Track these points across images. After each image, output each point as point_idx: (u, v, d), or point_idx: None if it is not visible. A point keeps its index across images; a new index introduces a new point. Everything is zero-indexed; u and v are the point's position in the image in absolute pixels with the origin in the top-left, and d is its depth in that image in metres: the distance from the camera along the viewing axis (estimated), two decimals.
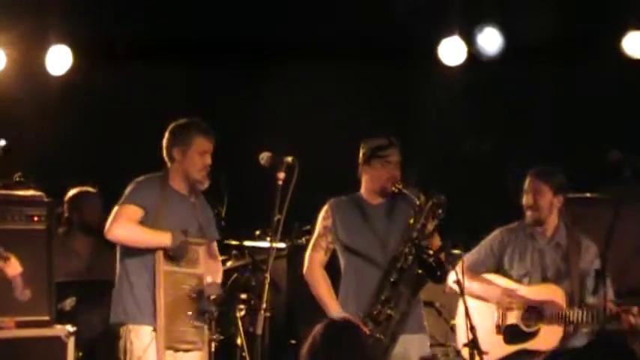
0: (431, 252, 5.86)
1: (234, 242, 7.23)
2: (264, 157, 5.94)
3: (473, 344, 5.68)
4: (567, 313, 6.15)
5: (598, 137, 6.99)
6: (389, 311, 5.88)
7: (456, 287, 5.95)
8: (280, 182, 5.82)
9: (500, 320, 6.32)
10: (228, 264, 7.15)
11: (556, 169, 6.39)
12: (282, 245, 7.13)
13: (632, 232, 7.06)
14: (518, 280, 6.35)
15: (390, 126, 7.99)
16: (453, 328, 6.84)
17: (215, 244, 6.13)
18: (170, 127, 6.00)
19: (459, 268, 6.17)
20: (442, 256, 6.14)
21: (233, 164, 7.20)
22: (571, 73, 7.98)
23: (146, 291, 5.79)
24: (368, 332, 5.77)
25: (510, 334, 6.27)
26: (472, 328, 5.70)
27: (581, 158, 7.24)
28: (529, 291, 6.29)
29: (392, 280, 5.91)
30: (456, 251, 6.95)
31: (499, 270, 6.41)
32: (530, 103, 8.10)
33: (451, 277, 6.03)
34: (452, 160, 8.23)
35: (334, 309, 5.90)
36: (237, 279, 7.12)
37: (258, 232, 7.31)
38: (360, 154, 6.15)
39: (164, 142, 6.00)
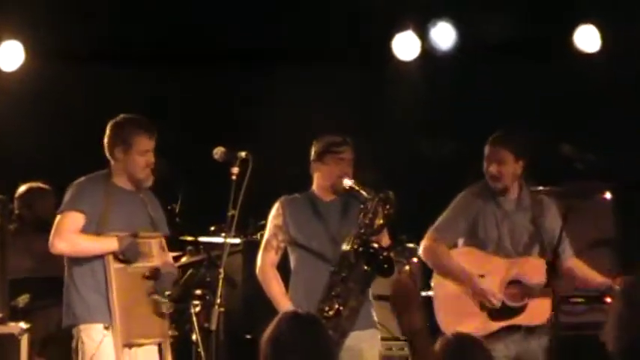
0: (376, 246, 5.85)
1: (189, 238, 7.21)
2: (218, 152, 5.94)
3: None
4: (551, 285, 5.99)
5: (553, 132, 7.01)
6: (338, 307, 5.88)
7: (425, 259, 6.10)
8: (234, 177, 5.83)
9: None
10: (183, 260, 7.13)
11: (514, 133, 6.30)
12: (237, 241, 7.12)
13: (584, 226, 7.10)
14: (494, 251, 6.23)
15: (347, 122, 8.07)
16: None
17: (164, 239, 6.08)
18: (110, 124, 5.89)
19: (428, 237, 6.22)
20: (391, 252, 6.18)
21: (188, 160, 7.21)
22: (525, 67, 8.02)
23: (94, 292, 5.72)
24: None
25: (495, 310, 6.15)
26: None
27: (536, 153, 7.26)
28: (507, 264, 6.19)
29: (341, 276, 5.90)
30: (411, 245, 7.01)
31: (470, 236, 6.28)
32: (485, 98, 8.13)
33: (422, 247, 6.18)
34: (410, 154, 8.26)
35: (286, 307, 5.86)
36: (193, 275, 7.09)
37: (213, 228, 7.30)
38: (313, 151, 6.13)
39: (105, 140, 5.89)
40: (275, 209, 6.15)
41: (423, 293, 6.68)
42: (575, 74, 8.00)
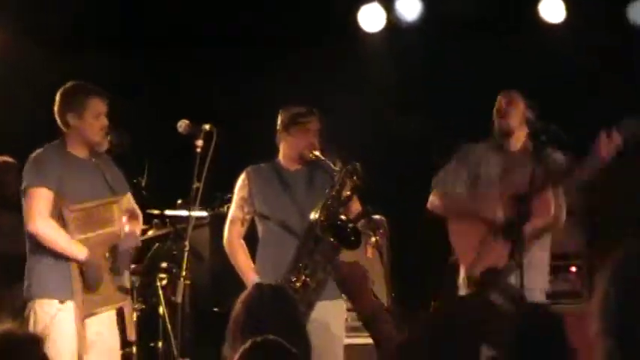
0: (344, 218, 5.86)
1: (155, 212, 7.20)
2: (182, 125, 5.94)
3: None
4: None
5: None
6: (306, 279, 5.90)
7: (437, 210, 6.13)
8: (199, 150, 5.83)
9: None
10: (150, 233, 7.13)
11: None
12: (203, 214, 7.11)
13: None
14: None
15: (313, 94, 8.06)
16: (376, 295, 6.87)
17: (129, 197, 6.04)
18: (60, 91, 5.83)
19: (432, 193, 6.23)
20: (361, 222, 6.19)
21: (154, 133, 7.19)
22: (489, 38, 8.03)
23: (53, 268, 5.67)
24: None
25: (507, 229, 6.06)
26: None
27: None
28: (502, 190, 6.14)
29: (308, 248, 5.92)
30: (377, 216, 7.01)
31: (473, 183, 6.27)
32: (451, 71, 8.13)
33: (430, 202, 6.22)
34: (376, 126, 8.27)
35: (253, 279, 5.89)
36: (159, 248, 7.09)
37: (180, 202, 7.29)
38: (279, 121, 6.14)
39: (55, 108, 5.82)
40: (241, 180, 6.14)
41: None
42: (540, 45, 8.02)
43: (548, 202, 6.06)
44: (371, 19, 8.11)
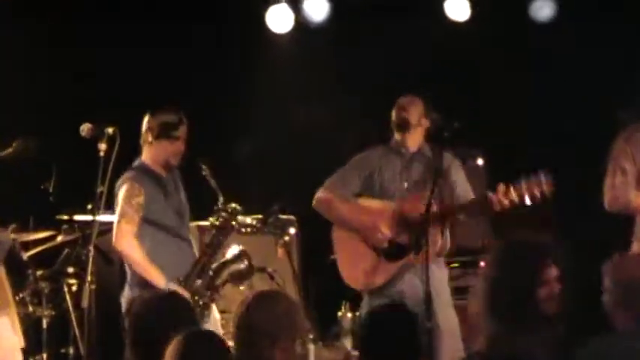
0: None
1: (64, 217, 7.16)
2: (85, 128, 5.93)
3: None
4: (435, 212, 6.04)
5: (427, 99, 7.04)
6: (203, 282, 6.02)
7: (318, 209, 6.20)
8: (102, 153, 5.82)
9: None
10: (59, 239, 7.09)
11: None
12: (113, 217, 7.07)
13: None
14: (389, 199, 6.29)
15: (222, 94, 8.07)
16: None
17: None
18: None
19: (321, 189, 6.28)
20: (271, 222, 6.26)
21: (60, 136, 7.14)
22: (399, 36, 8.09)
23: None
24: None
25: (390, 251, 6.21)
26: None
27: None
28: (398, 206, 6.24)
29: (209, 253, 6.06)
30: (284, 216, 7.05)
31: (367, 189, 6.34)
32: (359, 70, 8.18)
33: (315, 198, 6.27)
34: (288, 127, 8.29)
35: (164, 282, 5.93)
36: (69, 254, 7.06)
37: (90, 206, 7.24)
38: (146, 126, 6.11)
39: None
40: (133, 188, 6.05)
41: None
42: (446, 41, 8.09)
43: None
44: (279, 20, 8.11)
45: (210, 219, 6.15)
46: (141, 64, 7.81)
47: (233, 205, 6.11)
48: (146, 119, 6.10)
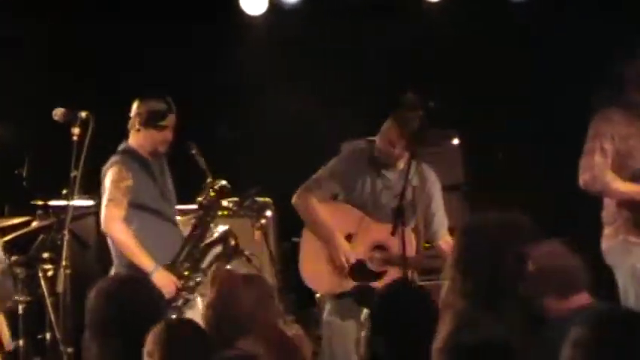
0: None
1: (39, 202, 7.12)
2: (58, 112, 5.89)
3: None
4: (411, 259, 6.03)
5: (402, 82, 7.03)
6: (189, 265, 5.99)
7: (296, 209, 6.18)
8: (75, 138, 5.78)
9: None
10: (34, 224, 7.05)
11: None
12: (89, 202, 7.06)
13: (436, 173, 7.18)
14: (371, 212, 6.23)
15: (196, 78, 8.03)
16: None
17: None
18: None
19: (300, 189, 6.25)
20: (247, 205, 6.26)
21: (34, 121, 7.11)
22: (374, 17, 8.07)
23: None
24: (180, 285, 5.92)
25: (357, 269, 6.19)
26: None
27: (388, 108, 7.29)
28: (378, 228, 6.18)
29: (197, 235, 6.03)
30: (262, 199, 7.04)
31: (347, 195, 6.28)
32: (334, 52, 8.17)
33: (294, 197, 6.23)
34: (259, 108, 8.27)
35: (151, 265, 5.90)
36: (44, 239, 7.01)
37: (65, 191, 7.21)
38: (135, 112, 6.08)
39: None
40: (122, 171, 6.02)
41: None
42: (423, 27, 8.09)
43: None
44: (253, 2, 8.07)
45: (198, 198, 6.12)
46: (111, 43, 7.77)
47: (222, 182, 6.07)
48: (135, 105, 6.07)
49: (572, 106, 6.95)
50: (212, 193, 6.05)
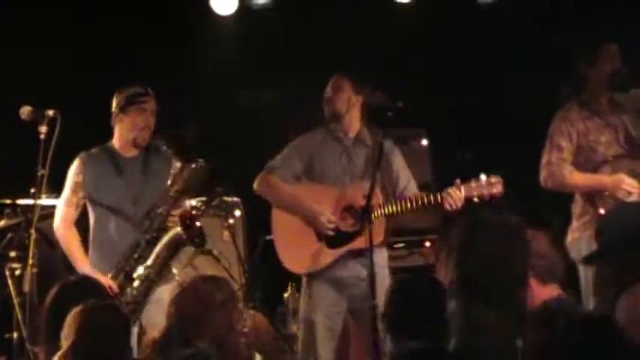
0: (198, 223, 5.87)
1: (7, 201, 7.09)
2: (25, 111, 5.87)
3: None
4: (386, 205, 6.09)
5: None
6: (143, 270, 5.92)
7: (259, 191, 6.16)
8: (43, 136, 5.77)
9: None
10: (1, 223, 7.01)
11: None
12: (57, 201, 7.03)
13: None
14: (332, 185, 6.28)
15: (167, 77, 8.01)
16: (232, 276, 6.90)
17: None
18: None
19: (262, 172, 6.27)
20: (215, 204, 6.24)
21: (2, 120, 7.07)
22: (344, 17, 8.08)
23: None
24: (116, 288, 5.85)
25: (332, 238, 6.20)
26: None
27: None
28: (341, 192, 6.23)
29: (147, 238, 5.93)
30: (230, 198, 7.04)
31: (308, 174, 6.33)
32: (303, 50, 8.17)
33: (256, 180, 6.25)
34: (230, 109, 8.27)
35: (84, 266, 5.91)
36: (12, 238, 6.98)
37: (33, 190, 7.18)
38: (115, 103, 6.10)
39: None
40: (75, 166, 6.10)
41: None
42: (393, 18, 8.11)
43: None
44: (223, 2, 8.07)
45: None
46: (82, 42, 7.74)
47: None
48: (114, 97, 6.08)
49: (538, 106, 7.00)
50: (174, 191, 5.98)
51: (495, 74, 7.88)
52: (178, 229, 5.85)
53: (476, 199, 5.98)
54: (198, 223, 5.84)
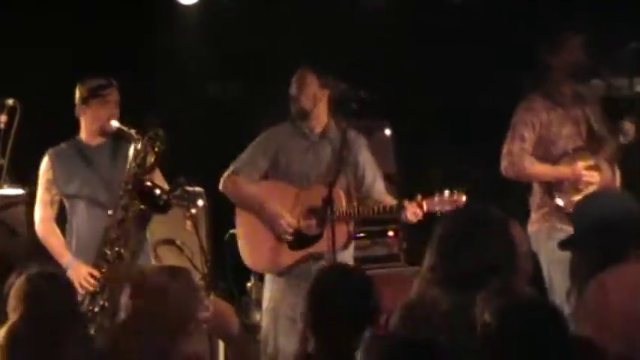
0: (150, 184, 5.87)
1: None
2: None
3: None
4: (348, 210, 6.14)
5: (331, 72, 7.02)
6: (119, 250, 5.91)
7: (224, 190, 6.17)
8: (2, 126, 5.76)
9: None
10: None
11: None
12: (19, 191, 7.00)
13: None
14: (298, 183, 6.29)
15: (132, 68, 7.98)
16: (195, 265, 6.88)
17: None
18: None
19: (227, 171, 6.26)
20: (178, 194, 6.22)
21: None
22: (311, 9, 8.07)
23: None
24: (97, 274, 5.83)
25: (293, 240, 6.24)
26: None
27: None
28: (305, 193, 6.27)
29: (118, 219, 5.91)
30: (193, 188, 7.02)
31: (275, 171, 6.35)
32: (269, 39, 8.16)
33: (221, 180, 6.26)
34: (197, 101, 8.25)
35: (65, 259, 5.94)
36: None
37: None
38: (77, 95, 6.08)
39: None
40: (44, 163, 6.09)
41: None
42: (359, 10, 8.11)
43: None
44: None
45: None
46: (44, 32, 7.70)
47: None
48: (77, 89, 6.07)
49: (501, 98, 7.03)
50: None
51: (464, 68, 7.90)
52: (136, 202, 5.88)
53: (438, 213, 6.03)
54: (148, 183, 5.83)
